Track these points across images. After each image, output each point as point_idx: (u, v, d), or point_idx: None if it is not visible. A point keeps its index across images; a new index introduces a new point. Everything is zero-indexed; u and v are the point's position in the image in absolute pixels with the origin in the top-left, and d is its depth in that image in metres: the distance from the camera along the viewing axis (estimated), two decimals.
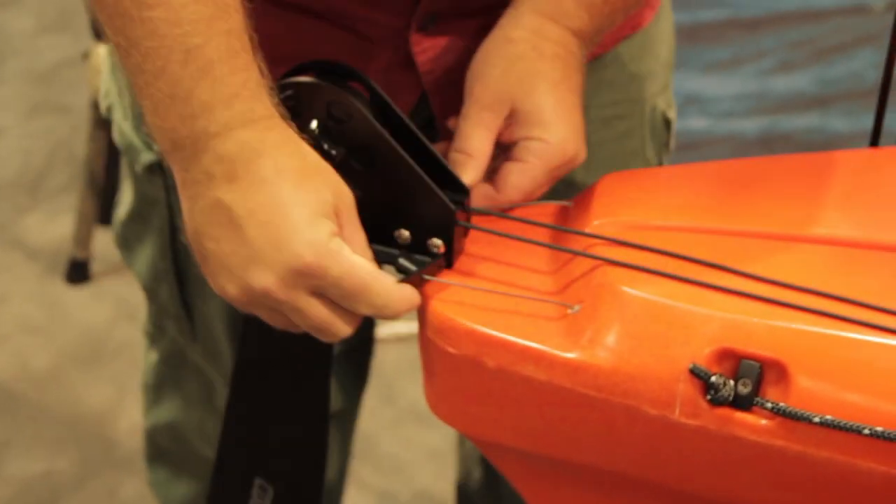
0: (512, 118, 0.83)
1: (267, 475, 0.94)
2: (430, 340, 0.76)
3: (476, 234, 0.80)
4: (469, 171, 0.81)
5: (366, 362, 1.16)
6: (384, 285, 0.74)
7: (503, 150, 0.84)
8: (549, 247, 0.77)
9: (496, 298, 0.76)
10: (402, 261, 0.77)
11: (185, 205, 0.76)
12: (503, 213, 0.81)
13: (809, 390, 0.68)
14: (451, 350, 0.75)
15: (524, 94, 0.82)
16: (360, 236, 0.76)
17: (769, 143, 2.01)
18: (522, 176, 0.82)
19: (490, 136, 0.82)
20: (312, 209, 0.73)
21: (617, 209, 0.79)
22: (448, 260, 0.78)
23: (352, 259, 0.73)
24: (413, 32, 0.88)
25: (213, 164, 0.74)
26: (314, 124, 0.77)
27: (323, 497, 0.95)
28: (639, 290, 0.72)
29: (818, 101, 2.00)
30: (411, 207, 0.78)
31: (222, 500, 0.97)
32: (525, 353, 0.73)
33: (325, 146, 0.77)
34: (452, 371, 0.76)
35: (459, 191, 0.79)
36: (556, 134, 0.82)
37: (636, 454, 0.73)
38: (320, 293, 0.74)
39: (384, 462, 1.68)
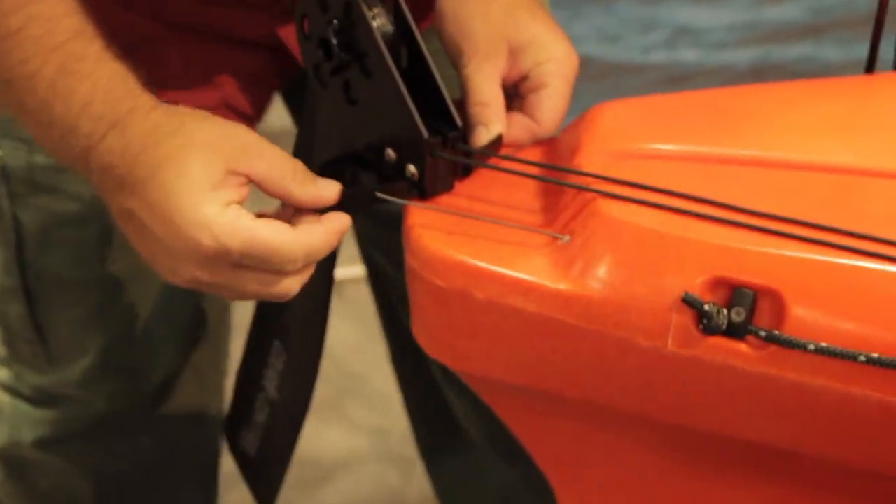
0: (513, 55, 0.83)
1: (283, 341, 0.99)
2: (415, 272, 0.75)
3: (475, 179, 0.79)
4: (494, 117, 0.81)
5: None
6: (294, 238, 0.74)
7: (514, 89, 0.84)
8: (539, 179, 0.76)
9: (484, 228, 0.75)
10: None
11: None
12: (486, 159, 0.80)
13: (804, 318, 0.67)
14: (438, 282, 0.74)
15: (514, 29, 0.83)
16: (278, 169, 0.75)
17: (762, 74, 1.99)
18: (554, 99, 0.82)
19: (498, 82, 0.82)
20: (198, 188, 0.73)
21: (607, 137, 0.78)
22: (421, 190, 0.77)
23: (249, 225, 0.73)
24: None
25: (102, 177, 0.76)
26: (334, 24, 0.77)
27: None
28: (630, 219, 0.71)
29: (811, 29, 1.98)
30: (395, 127, 0.76)
31: (252, 353, 1.04)
32: (515, 284, 0.72)
33: (333, 48, 0.77)
34: (440, 304, 0.75)
35: (454, 128, 0.77)
36: (560, 48, 0.83)
37: (629, 387, 0.72)
38: (242, 266, 0.74)
39: (375, 400, 1.67)
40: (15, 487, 1.14)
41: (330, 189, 0.76)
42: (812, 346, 0.66)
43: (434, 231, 0.75)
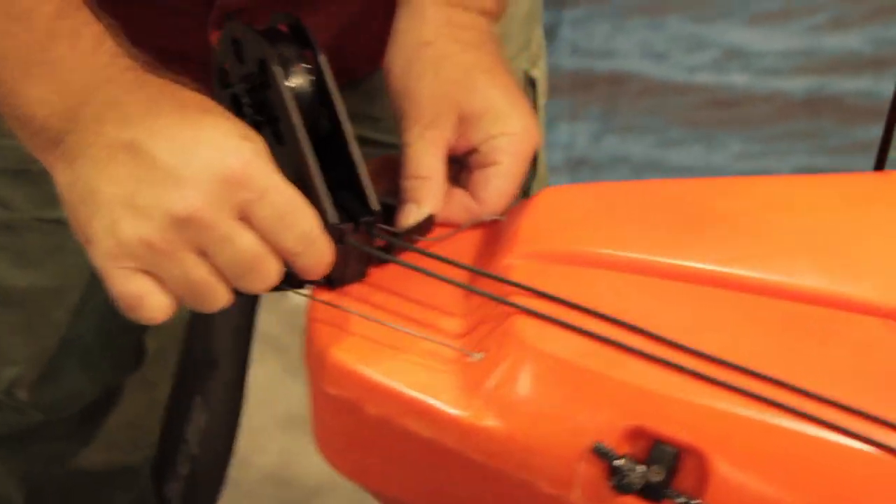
0: (463, 124, 0.74)
1: (204, 398, 0.92)
2: (311, 375, 0.67)
3: (392, 267, 0.70)
4: (428, 196, 0.72)
5: None
6: (312, 212, 0.66)
7: (460, 163, 0.75)
8: (454, 283, 0.67)
9: (388, 334, 0.66)
10: None
11: (60, 175, 0.67)
12: (414, 246, 0.71)
13: (731, 486, 0.58)
14: (329, 390, 0.65)
15: (467, 94, 0.74)
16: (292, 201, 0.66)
17: (815, 106, 1.88)
18: (502, 178, 0.74)
19: (441, 153, 0.74)
20: (228, 129, 0.65)
21: (547, 233, 0.69)
22: (328, 279, 0.68)
23: (280, 175, 0.65)
24: None
25: (103, 111, 0.66)
26: (240, 84, 0.70)
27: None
28: (547, 346, 0.62)
29: (872, 62, 1.85)
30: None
31: (175, 406, 0.97)
32: (410, 404, 0.63)
33: (245, 107, 0.69)
34: (334, 412, 0.67)
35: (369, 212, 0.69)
36: (517, 122, 0.74)
37: None
38: (248, 218, 0.64)
39: None
40: None
41: (332, 249, 0.67)
42: None
43: (333, 330, 0.67)
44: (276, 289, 0.67)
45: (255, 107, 0.69)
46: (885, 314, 0.63)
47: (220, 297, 0.65)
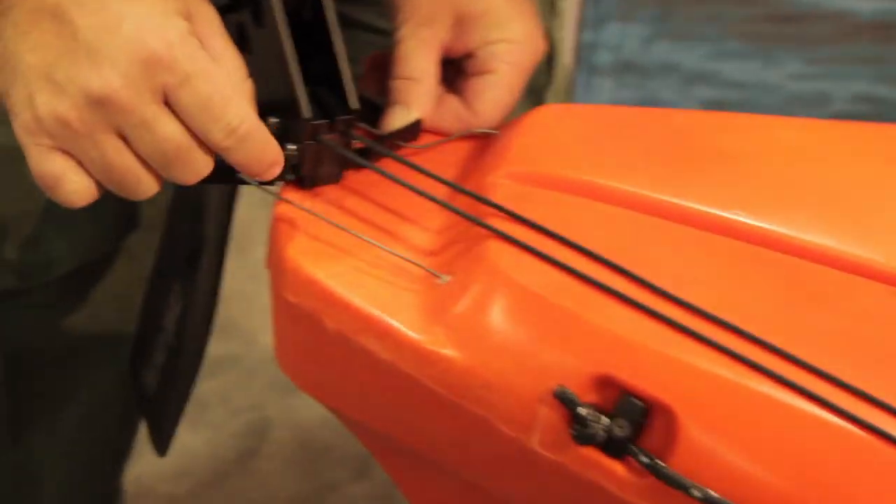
0: (460, 26, 0.69)
1: (183, 285, 0.89)
2: (272, 279, 0.63)
3: (371, 170, 0.66)
4: (417, 99, 0.68)
5: None
6: (245, 106, 0.61)
7: (457, 67, 0.70)
8: (429, 198, 0.62)
9: (355, 244, 0.62)
10: None
11: None
12: (397, 155, 0.66)
13: (699, 449, 0.54)
14: (289, 297, 0.61)
15: None
16: (231, 54, 0.62)
17: (883, 30, 1.79)
18: (498, 88, 0.69)
19: (434, 54, 0.69)
20: (164, 5, 0.60)
21: (536, 154, 0.64)
22: (298, 176, 0.64)
23: (208, 61, 0.60)
24: None
25: None
26: None
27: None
28: (520, 276, 0.57)
29: None
30: (279, 95, 0.63)
31: (154, 291, 0.96)
32: (369, 322, 0.59)
33: None
34: (292, 321, 0.63)
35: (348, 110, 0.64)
36: (518, 28, 0.69)
37: (488, 468, 0.60)
38: (172, 104, 0.60)
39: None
40: None
41: (275, 149, 0.62)
42: (698, 493, 0.53)
43: (297, 233, 0.62)
44: (236, 181, 0.63)
45: None
46: (893, 281, 0.58)
47: (144, 185, 0.61)
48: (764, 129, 0.68)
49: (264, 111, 0.65)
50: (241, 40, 0.65)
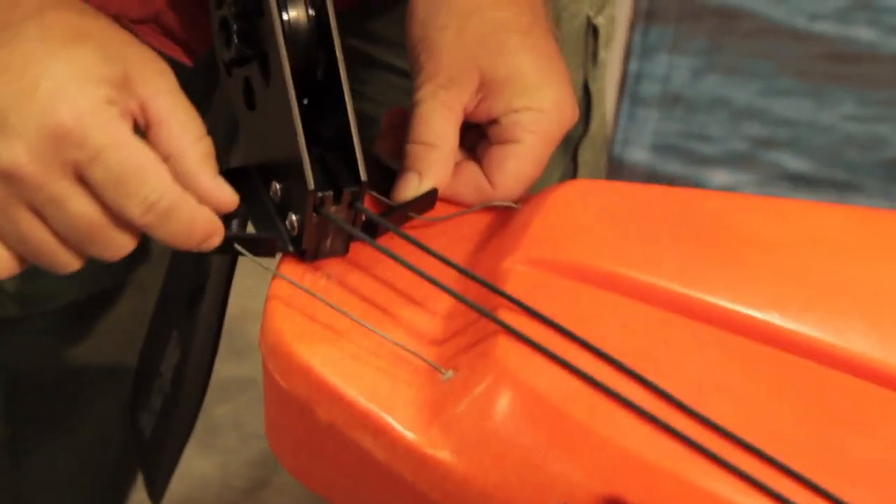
0: (484, 90, 0.65)
1: (182, 333, 0.86)
2: (264, 359, 0.59)
3: (380, 238, 0.62)
4: (432, 167, 0.64)
5: None
6: (166, 178, 0.56)
7: (480, 132, 0.66)
8: (434, 283, 0.58)
9: (355, 328, 0.58)
10: (236, 221, 0.60)
11: None
12: (404, 234, 0.62)
13: None
14: (280, 382, 0.58)
15: (492, 56, 0.65)
16: (185, 122, 0.58)
17: None
18: (522, 160, 0.65)
19: (454, 118, 0.65)
20: (85, 70, 0.56)
21: (559, 237, 0.60)
22: (297, 248, 0.60)
23: (126, 134, 0.56)
24: None
25: None
26: (231, 5, 0.61)
27: None
28: (529, 378, 0.53)
29: None
30: (283, 159, 0.60)
31: (153, 337, 0.91)
32: (364, 417, 0.55)
33: (234, 35, 0.61)
34: (284, 406, 0.59)
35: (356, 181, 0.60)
36: (547, 98, 0.65)
37: None
38: (85, 179, 0.57)
39: None
40: None
41: (227, 194, 0.59)
42: None
43: (293, 313, 0.59)
44: (227, 251, 0.59)
45: (244, 35, 0.60)
46: None
47: (63, 261, 0.58)
48: (805, 216, 0.63)
49: (266, 173, 0.62)
50: (248, 96, 0.62)
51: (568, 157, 0.90)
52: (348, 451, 0.56)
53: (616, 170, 1.80)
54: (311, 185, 0.58)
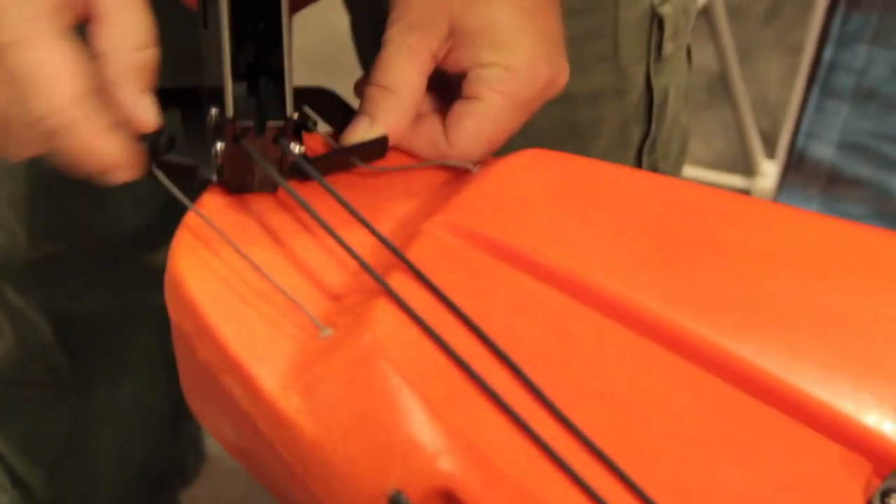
0: (454, 39, 0.61)
1: None
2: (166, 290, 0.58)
3: (315, 184, 0.59)
4: (387, 111, 0.61)
5: None
6: (68, 94, 0.53)
7: (452, 87, 0.63)
8: (336, 238, 0.55)
9: (256, 275, 0.56)
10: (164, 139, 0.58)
11: None
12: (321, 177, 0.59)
13: None
14: (171, 312, 0.56)
15: (466, 3, 0.61)
16: (125, 17, 0.54)
17: None
18: (480, 118, 0.61)
19: (419, 62, 0.61)
20: None
21: (489, 207, 0.56)
22: (220, 178, 0.58)
23: (43, 33, 0.53)
24: None
25: None
26: None
27: None
28: (395, 346, 0.50)
29: None
30: (217, 84, 0.58)
31: None
32: (233, 363, 0.53)
33: None
34: (177, 342, 0.58)
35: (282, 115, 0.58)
36: (518, 55, 0.61)
37: None
38: None
39: None
40: None
41: (145, 112, 0.55)
42: None
43: (199, 245, 0.57)
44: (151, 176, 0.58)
45: None
46: None
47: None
48: (790, 226, 0.58)
49: (212, 100, 0.60)
50: (204, 13, 0.60)
51: (630, 160, 0.83)
52: (224, 396, 0.55)
53: (795, 165, 1.71)
54: (230, 112, 0.56)
